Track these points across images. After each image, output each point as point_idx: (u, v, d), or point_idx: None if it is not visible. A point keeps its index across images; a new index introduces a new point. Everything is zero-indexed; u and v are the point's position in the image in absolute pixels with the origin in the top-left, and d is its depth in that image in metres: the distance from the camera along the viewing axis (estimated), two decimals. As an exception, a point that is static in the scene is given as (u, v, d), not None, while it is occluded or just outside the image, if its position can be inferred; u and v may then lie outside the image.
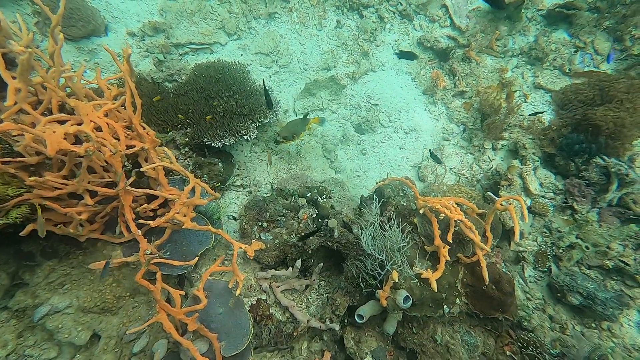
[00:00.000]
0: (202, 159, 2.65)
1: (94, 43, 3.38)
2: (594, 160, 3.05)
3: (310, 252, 2.53)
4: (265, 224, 2.48)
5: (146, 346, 2.11)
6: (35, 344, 2.08)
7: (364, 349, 2.18)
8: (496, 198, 2.72)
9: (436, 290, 2.03)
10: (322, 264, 2.53)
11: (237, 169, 3.03)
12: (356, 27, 4.16)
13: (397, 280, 1.95)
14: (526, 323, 2.49)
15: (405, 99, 3.94)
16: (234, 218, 2.76)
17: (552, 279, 2.71)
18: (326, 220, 2.61)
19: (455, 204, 2.23)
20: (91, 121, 1.70)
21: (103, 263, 1.94)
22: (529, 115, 3.44)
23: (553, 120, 3.39)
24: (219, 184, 2.70)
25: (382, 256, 2.14)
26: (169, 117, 2.84)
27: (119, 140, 1.92)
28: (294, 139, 2.85)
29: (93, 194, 1.82)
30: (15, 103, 1.46)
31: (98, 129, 1.78)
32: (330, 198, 2.74)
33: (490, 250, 2.14)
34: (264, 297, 2.51)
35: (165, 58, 3.19)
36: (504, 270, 2.39)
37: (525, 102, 3.78)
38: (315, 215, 2.65)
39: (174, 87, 3.05)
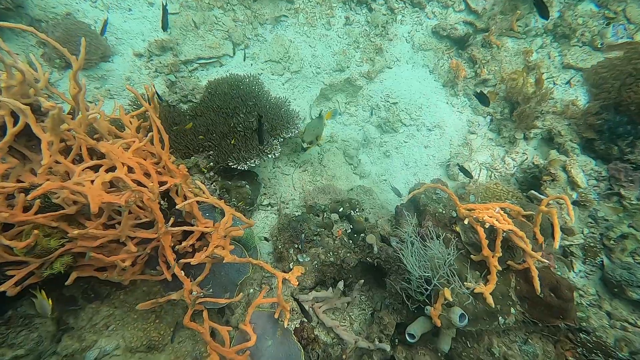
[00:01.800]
0: (229, 182, 2.57)
1: (102, 69, 3.31)
2: (640, 141, 2.87)
3: (348, 269, 2.45)
4: (302, 246, 2.40)
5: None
6: (88, 388, 2.07)
7: (419, 369, 2.11)
8: (540, 196, 2.58)
9: (493, 306, 1.93)
10: (362, 280, 2.45)
11: (263, 187, 2.95)
12: (366, 22, 3.98)
13: (450, 299, 1.85)
14: (585, 324, 2.37)
15: (425, 93, 3.77)
16: (266, 239, 2.69)
17: (606, 273, 2.57)
18: (362, 235, 2.52)
19: (500, 209, 2.11)
20: (123, 164, 1.63)
21: (150, 303, 1.90)
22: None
23: (590, 104, 3.18)
24: (248, 206, 2.63)
25: (428, 272, 2.04)
26: (189, 140, 2.76)
27: (149, 176, 1.86)
28: (318, 140, 2.76)
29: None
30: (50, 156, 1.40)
31: (129, 169, 1.72)
32: (362, 210, 2.64)
33: (543, 260, 2.01)
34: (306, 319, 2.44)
35: (177, 78, 3.10)
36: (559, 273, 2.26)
37: (554, 84, 3.57)
38: (350, 230, 2.55)
39: (190, 108, 2.97)
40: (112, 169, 1.74)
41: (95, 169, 1.73)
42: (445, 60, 3.86)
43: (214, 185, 2.63)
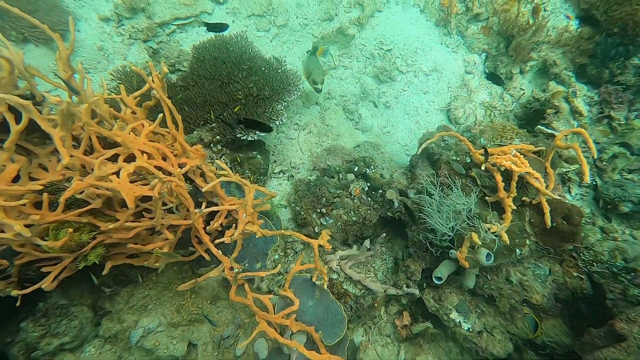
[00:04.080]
0: (240, 154, 2.48)
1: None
2: (630, 61, 2.93)
3: (370, 225, 2.53)
4: (324, 210, 2.43)
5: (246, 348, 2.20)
6: (136, 362, 2.17)
7: (447, 306, 2.31)
8: (549, 131, 2.66)
9: (508, 243, 2.08)
10: (384, 234, 2.55)
11: (272, 154, 2.87)
12: (350, -41, 3.63)
13: (479, 243, 1.98)
14: (584, 241, 2.61)
15: (418, 36, 3.62)
16: (283, 206, 2.70)
17: (601, 193, 2.79)
18: (380, 191, 2.56)
19: (515, 150, 2.17)
20: (141, 151, 1.53)
21: (190, 284, 1.93)
22: None
23: (582, 28, 3.15)
24: (262, 176, 2.58)
25: (450, 221, 2.14)
26: (185, 113, 2.59)
27: (165, 159, 1.77)
28: (325, 75, 2.70)
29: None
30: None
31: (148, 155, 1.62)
32: (376, 167, 2.66)
33: (555, 196, 2.14)
34: (334, 276, 2.57)
35: (160, 47, 2.80)
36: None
37: (545, 11, 3.50)
38: (367, 187, 2.58)
39: (180, 79, 2.74)
40: (128, 156, 1.64)
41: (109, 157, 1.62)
42: (436, -3, 3.66)
43: (223, 159, 2.54)
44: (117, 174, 1.45)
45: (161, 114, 1.68)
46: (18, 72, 1.31)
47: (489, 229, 2.12)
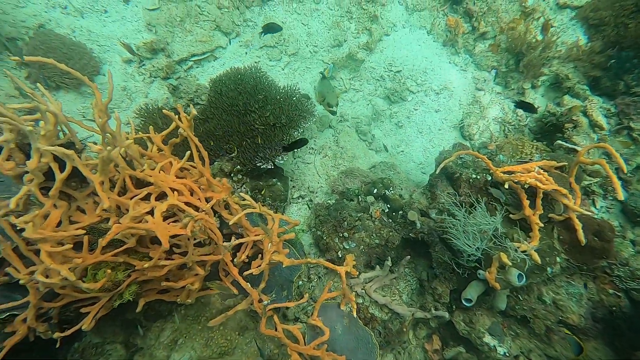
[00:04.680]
0: (260, 182, 2.53)
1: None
2: (645, 74, 2.92)
3: (393, 248, 2.51)
4: (346, 234, 2.43)
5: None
6: (169, 399, 2.15)
7: (479, 328, 2.24)
8: (569, 145, 2.65)
9: (540, 262, 2.03)
10: (409, 256, 2.52)
11: (290, 180, 2.92)
12: (355, -12, 3.79)
13: (508, 263, 1.94)
14: (618, 257, 2.53)
15: (427, 56, 3.69)
16: (304, 231, 2.71)
17: (629, 205, 2.72)
18: (400, 212, 2.56)
19: (538, 167, 2.16)
20: (172, 189, 1.58)
21: (220, 318, 1.93)
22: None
23: (593, 43, 3.19)
24: (281, 202, 2.61)
25: (477, 242, 2.11)
26: (206, 145, 2.67)
27: (192, 194, 1.81)
28: (338, 98, 2.77)
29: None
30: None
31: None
32: (394, 187, 2.66)
33: (585, 212, 2.10)
34: (360, 300, 2.53)
35: (178, 82, 2.93)
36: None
37: (552, 27, 3.54)
38: (387, 209, 2.58)
39: (199, 112, 2.84)
40: (159, 194, 1.69)
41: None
42: (441, 19, 3.76)
43: (244, 187, 2.59)
44: (150, 212, 1.50)
45: (188, 152, 1.74)
46: (61, 122, 1.39)
47: (518, 248, 2.08)
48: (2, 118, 1.24)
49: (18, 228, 1.27)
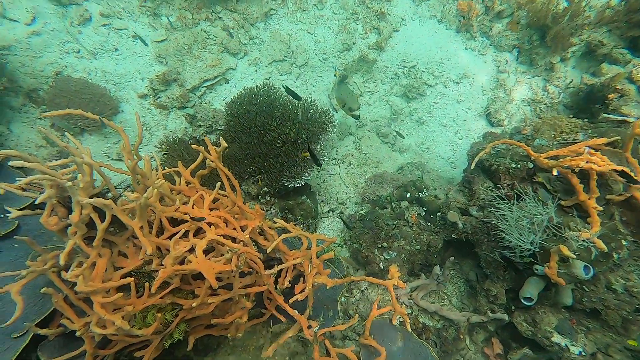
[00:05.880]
0: (290, 202, 2.47)
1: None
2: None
3: (435, 252, 2.38)
4: (385, 244, 2.32)
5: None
6: None
7: (545, 328, 2.07)
8: (619, 117, 2.44)
9: (606, 250, 1.85)
10: (452, 257, 2.38)
11: (318, 194, 2.84)
12: (356, -11, 3.70)
13: (572, 256, 1.77)
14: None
15: (441, 46, 3.55)
16: (340, 245, 2.62)
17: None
18: (438, 214, 2.43)
19: (589, 147, 1.98)
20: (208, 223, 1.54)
21: (272, 349, 1.87)
22: None
23: (631, 1, 2.93)
24: (313, 219, 2.54)
25: (531, 235, 1.96)
26: (230, 170, 2.63)
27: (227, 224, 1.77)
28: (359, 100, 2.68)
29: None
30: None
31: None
32: (428, 189, 2.54)
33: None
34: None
35: (195, 110, 2.93)
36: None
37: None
38: (424, 212, 2.46)
39: (218, 137, 2.82)
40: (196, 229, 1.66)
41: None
42: (451, 4, 3.60)
43: (273, 209, 2.53)
44: (190, 249, 1.46)
45: (219, 183, 1.70)
46: (96, 170, 1.39)
47: (578, 237, 1.90)
48: (43, 176, 1.24)
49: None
